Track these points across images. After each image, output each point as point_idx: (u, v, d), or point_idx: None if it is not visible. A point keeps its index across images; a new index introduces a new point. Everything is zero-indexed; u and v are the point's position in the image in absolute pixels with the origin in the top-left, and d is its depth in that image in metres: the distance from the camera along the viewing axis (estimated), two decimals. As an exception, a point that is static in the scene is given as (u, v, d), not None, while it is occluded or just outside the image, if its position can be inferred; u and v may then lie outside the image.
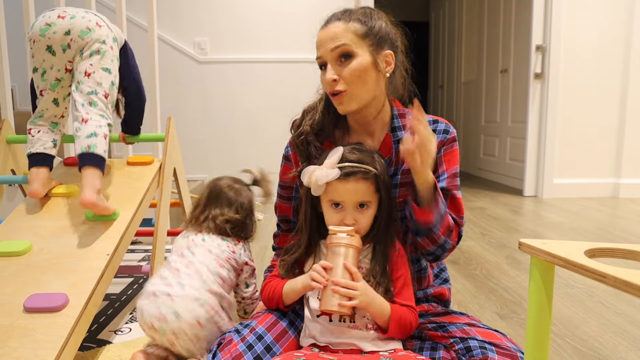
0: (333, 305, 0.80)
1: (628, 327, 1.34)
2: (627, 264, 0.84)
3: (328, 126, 1.00)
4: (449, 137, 0.98)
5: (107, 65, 1.44)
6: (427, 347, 0.91)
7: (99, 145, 1.33)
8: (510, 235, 2.42)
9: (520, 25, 3.77)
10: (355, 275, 0.83)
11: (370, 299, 0.83)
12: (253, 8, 3.37)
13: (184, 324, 0.96)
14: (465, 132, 5.01)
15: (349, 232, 0.85)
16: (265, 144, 3.41)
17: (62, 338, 0.98)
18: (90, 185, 1.27)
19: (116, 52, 1.50)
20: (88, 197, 1.26)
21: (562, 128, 3.44)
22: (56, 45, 1.41)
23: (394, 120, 0.99)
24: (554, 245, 0.61)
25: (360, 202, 0.88)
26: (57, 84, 1.47)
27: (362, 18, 0.93)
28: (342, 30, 0.91)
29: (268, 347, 0.86)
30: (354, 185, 0.87)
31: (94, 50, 1.42)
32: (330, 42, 0.91)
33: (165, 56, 3.25)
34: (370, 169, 0.88)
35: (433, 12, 5.86)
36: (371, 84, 0.93)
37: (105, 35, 1.45)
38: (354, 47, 0.91)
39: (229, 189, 1.26)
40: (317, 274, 0.83)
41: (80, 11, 1.47)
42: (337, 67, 0.92)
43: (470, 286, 1.68)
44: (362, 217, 0.89)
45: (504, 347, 0.82)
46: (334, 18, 0.94)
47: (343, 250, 0.83)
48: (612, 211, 2.98)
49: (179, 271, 1.05)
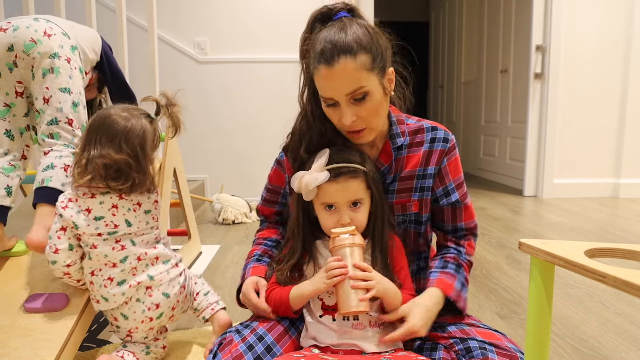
0: (351, 307, 0.80)
1: (628, 327, 1.34)
2: (627, 264, 0.84)
3: (325, 144, 0.95)
4: (449, 145, 0.98)
5: (64, 85, 1.21)
6: (427, 347, 0.91)
7: (54, 178, 1.14)
8: (510, 235, 2.42)
9: (520, 25, 3.77)
10: (367, 269, 0.84)
11: (386, 286, 0.84)
12: (253, 8, 3.37)
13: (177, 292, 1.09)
14: (465, 132, 5.01)
15: (350, 232, 0.86)
16: (265, 143, 3.40)
17: (62, 338, 0.98)
18: (39, 224, 1.09)
19: (76, 62, 1.27)
20: (34, 237, 1.06)
21: (562, 128, 3.44)
22: (0, 65, 1.21)
23: (392, 128, 0.99)
24: (554, 245, 0.61)
25: (352, 200, 0.88)
26: (7, 111, 1.24)
27: (364, 42, 0.84)
28: (353, 69, 0.83)
29: (268, 347, 0.86)
30: (344, 185, 0.87)
31: (46, 69, 1.19)
32: (344, 85, 0.84)
33: (165, 56, 3.25)
34: (358, 167, 0.88)
35: (433, 12, 5.85)
36: (385, 112, 0.93)
37: (58, 46, 1.22)
38: (369, 87, 0.85)
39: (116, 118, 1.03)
40: (335, 269, 0.83)
41: (27, 19, 1.24)
42: (352, 108, 0.86)
43: (470, 286, 1.67)
44: (357, 215, 0.89)
45: (504, 347, 0.82)
46: (337, 52, 0.83)
47: (349, 251, 0.84)
48: (612, 211, 2.98)
49: None
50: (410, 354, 0.83)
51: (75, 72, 1.26)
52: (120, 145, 1.01)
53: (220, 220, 2.77)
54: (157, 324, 1.08)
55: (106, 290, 1.02)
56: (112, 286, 1.02)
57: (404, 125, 0.99)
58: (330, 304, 0.88)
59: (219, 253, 2.14)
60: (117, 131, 1.02)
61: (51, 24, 1.26)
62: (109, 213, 1.02)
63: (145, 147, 1.06)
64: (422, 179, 0.98)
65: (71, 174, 1.03)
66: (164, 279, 1.07)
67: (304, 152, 0.95)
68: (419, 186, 0.98)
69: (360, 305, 0.80)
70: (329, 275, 0.83)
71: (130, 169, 1.01)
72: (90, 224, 1.01)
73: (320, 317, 0.88)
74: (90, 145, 1.01)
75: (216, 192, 2.93)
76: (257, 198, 1.28)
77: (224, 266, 1.95)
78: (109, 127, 1.02)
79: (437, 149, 0.97)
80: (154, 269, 1.06)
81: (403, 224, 1.00)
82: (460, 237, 1.02)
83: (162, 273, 1.07)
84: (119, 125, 1.02)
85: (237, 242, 2.34)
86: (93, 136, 1.02)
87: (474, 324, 0.91)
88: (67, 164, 1.16)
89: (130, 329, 1.05)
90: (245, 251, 2.16)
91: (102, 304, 1.04)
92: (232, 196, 2.85)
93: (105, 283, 1.02)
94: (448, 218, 1.00)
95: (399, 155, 0.98)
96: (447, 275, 0.93)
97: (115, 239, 1.03)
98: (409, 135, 0.99)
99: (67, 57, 1.24)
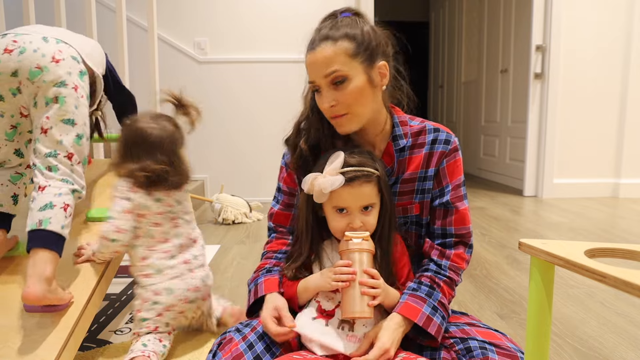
0: (356, 312, 0.80)
1: (628, 327, 1.34)
2: (627, 264, 0.84)
3: (326, 140, 0.97)
4: (450, 147, 0.97)
5: (68, 116, 1.11)
6: (427, 347, 0.91)
7: (53, 220, 1.03)
8: (510, 235, 2.42)
9: (520, 25, 3.77)
10: (376, 276, 0.84)
11: (388, 292, 0.86)
12: (253, 8, 3.37)
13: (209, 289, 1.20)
14: (465, 132, 5.01)
15: (364, 237, 0.85)
16: (265, 143, 3.40)
17: (62, 338, 0.98)
18: (36, 275, 0.98)
19: (84, 89, 1.17)
20: (31, 291, 0.96)
21: (562, 128, 3.44)
22: (3, 90, 1.13)
23: (394, 129, 0.99)
24: (554, 245, 0.61)
25: (365, 205, 0.88)
26: (14, 132, 1.20)
27: (350, 31, 0.88)
28: (332, 53, 0.86)
29: (268, 346, 0.86)
30: (358, 189, 0.86)
31: (49, 98, 1.10)
32: (321, 68, 0.87)
33: (165, 56, 3.25)
34: (372, 172, 0.88)
35: (433, 12, 5.85)
36: (369, 101, 0.91)
37: (66, 73, 1.12)
38: (346, 71, 0.87)
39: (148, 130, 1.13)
40: (342, 274, 0.82)
41: (36, 39, 1.13)
42: (332, 92, 0.88)
43: (470, 286, 1.68)
44: (368, 219, 0.88)
45: (504, 347, 0.82)
46: (320, 38, 0.88)
47: (359, 256, 0.84)
48: (612, 211, 2.98)
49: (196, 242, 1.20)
50: (411, 355, 0.83)
51: (82, 100, 1.15)
52: (157, 156, 1.12)
53: (220, 220, 2.77)
54: (188, 308, 1.15)
55: (161, 262, 1.13)
56: (167, 259, 1.13)
57: (407, 127, 0.99)
58: (327, 309, 0.87)
59: (219, 253, 2.14)
60: (152, 143, 1.12)
61: (62, 45, 1.15)
62: (163, 195, 1.15)
63: (177, 151, 1.17)
64: (423, 181, 0.97)
65: None
66: (201, 262, 1.19)
67: (305, 143, 0.96)
68: (420, 188, 0.97)
69: (364, 311, 0.80)
70: (336, 277, 0.83)
71: (168, 175, 1.13)
72: (154, 205, 1.14)
73: (314, 319, 0.87)
74: (127, 158, 1.12)
75: (216, 192, 2.93)
76: (257, 198, 1.29)
77: (224, 266, 1.95)
78: (144, 140, 1.12)
79: (437, 151, 0.96)
80: (195, 250, 1.19)
81: (404, 225, 0.99)
82: (449, 245, 0.95)
83: (200, 256, 1.19)
84: (152, 137, 1.12)
85: (237, 242, 2.34)
86: (128, 150, 1.13)
87: (474, 324, 0.91)
88: (67, 203, 1.07)
89: (167, 306, 1.11)
90: (245, 251, 2.16)
91: (154, 278, 1.11)
92: (232, 196, 2.85)
93: (161, 256, 1.13)
94: (438, 219, 0.97)
95: (401, 157, 0.97)
96: (416, 299, 0.87)
97: (171, 217, 1.16)
98: (412, 137, 0.98)
99: (75, 84, 1.13)
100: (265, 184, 3.40)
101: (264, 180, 3.41)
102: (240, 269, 1.90)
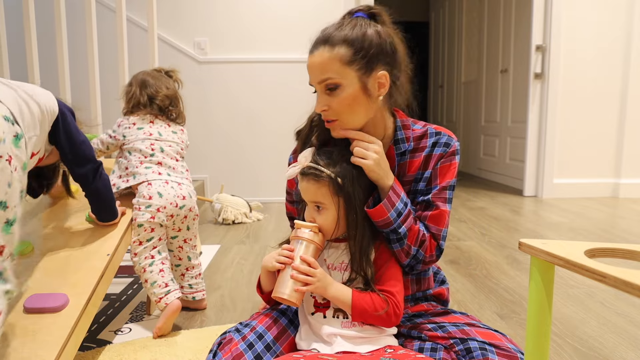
0: (284, 293, 0.83)
1: (628, 327, 1.34)
2: (627, 264, 0.84)
3: (332, 140, 0.96)
4: (448, 150, 0.96)
5: None
6: (427, 347, 0.90)
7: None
8: (510, 235, 2.42)
9: (520, 25, 3.77)
10: (312, 264, 0.85)
11: (326, 284, 0.85)
12: (253, 8, 3.37)
13: (194, 202, 1.48)
14: (465, 132, 5.01)
15: (312, 228, 0.88)
16: (265, 144, 3.40)
17: (62, 338, 0.98)
18: None
19: (19, 159, 0.92)
20: None
21: (562, 128, 3.44)
22: None
23: (397, 133, 0.98)
24: (554, 245, 0.61)
25: (314, 202, 0.89)
26: None
27: (350, 36, 0.86)
28: (327, 59, 0.86)
29: (268, 345, 0.86)
30: (306, 185, 0.89)
31: None
32: (316, 73, 0.88)
33: (165, 56, 3.24)
34: (320, 172, 0.87)
35: (433, 12, 5.86)
36: (362, 110, 0.90)
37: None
38: (339, 79, 0.86)
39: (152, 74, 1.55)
40: (282, 256, 0.86)
41: None
42: (325, 97, 0.88)
43: (470, 286, 1.68)
44: (318, 217, 0.89)
45: (504, 348, 0.82)
46: (319, 42, 0.88)
47: (303, 244, 0.87)
48: (612, 211, 2.98)
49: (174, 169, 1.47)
50: (410, 352, 0.83)
51: (16, 175, 0.90)
52: (167, 86, 1.54)
53: (220, 220, 2.77)
54: (177, 213, 1.41)
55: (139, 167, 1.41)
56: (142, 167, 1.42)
57: (410, 131, 0.98)
58: (322, 302, 0.89)
59: (218, 253, 2.14)
60: (159, 78, 1.54)
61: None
62: (147, 126, 1.48)
63: (177, 89, 1.58)
64: (418, 183, 0.97)
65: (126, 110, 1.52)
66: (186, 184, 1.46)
67: (316, 139, 0.97)
68: (414, 189, 0.97)
69: (292, 295, 0.83)
70: (277, 259, 0.87)
71: (177, 100, 1.56)
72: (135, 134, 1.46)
73: (312, 314, 0.89)
74: (141, 89, 1.50)
75: (216, 192, 2.93)
76: (257, 198, 1.31)
77: (224, 266, 1.95)
78: (151, 78, 1.53)
79: (436, 153, 0.96)
80: (175, 176, 1.45)
81: None
82: None
83: (186, 179, 1.48)
84: (158, 77, 1.55)
85: (237, 242, 2.34)
86: (138, 87, 1.51)
87: (474, 324, 0.91)
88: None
89: (159, 207, 1.36)
90: (245, 251, 2.16)
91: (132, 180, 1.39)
92: (232, 196, 2.85)
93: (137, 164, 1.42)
94: (417, 212, 0.96)
95: (402, 160, 0.97)
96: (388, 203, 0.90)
97: (150, 142, 1.45)
98: (414, 141, 0.97)
99: (9, 155, 0.88)
100: (265, 184, 3.40)
101: (264, 180, 3.41)
102: (240, 269, 1.91)
